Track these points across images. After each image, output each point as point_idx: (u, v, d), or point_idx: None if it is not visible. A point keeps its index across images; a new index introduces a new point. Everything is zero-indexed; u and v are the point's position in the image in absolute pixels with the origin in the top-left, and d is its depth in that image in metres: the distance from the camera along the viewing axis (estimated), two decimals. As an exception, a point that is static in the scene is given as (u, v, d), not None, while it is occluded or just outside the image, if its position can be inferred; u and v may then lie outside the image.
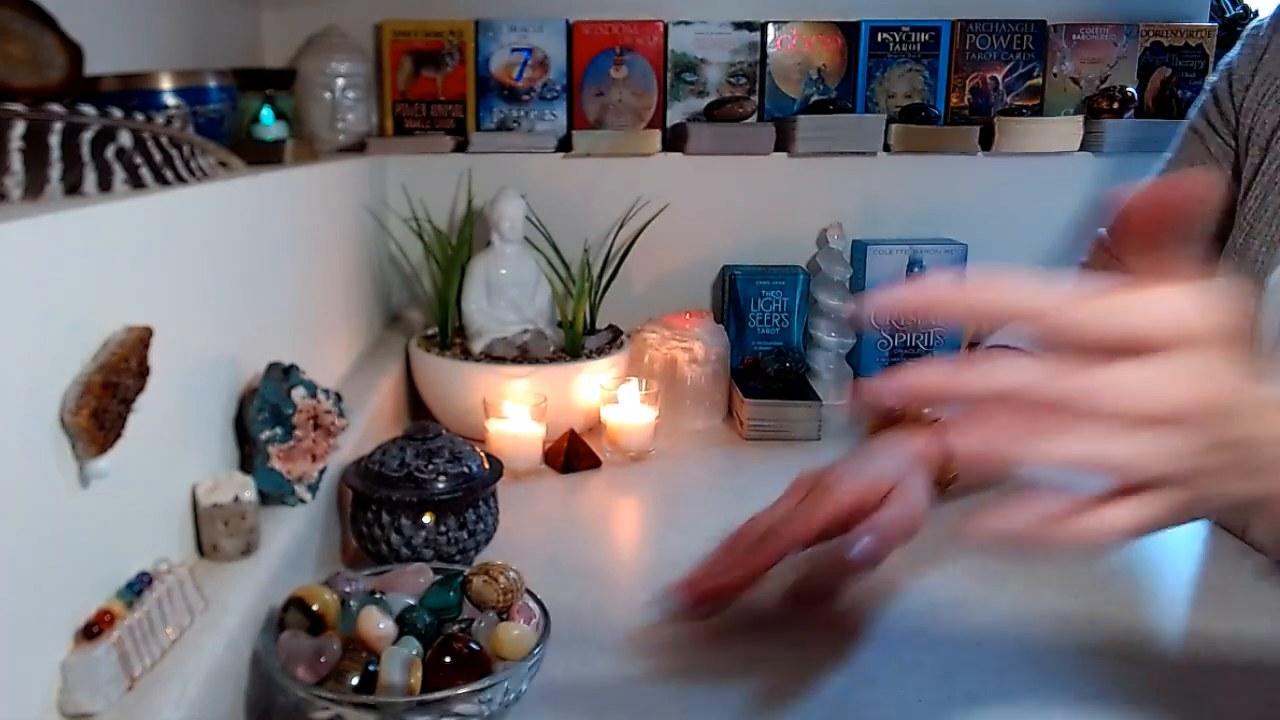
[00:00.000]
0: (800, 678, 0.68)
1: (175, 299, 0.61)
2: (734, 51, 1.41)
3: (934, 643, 0.72)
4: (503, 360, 1.13)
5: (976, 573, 0.83)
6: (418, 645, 0.58)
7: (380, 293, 1.30)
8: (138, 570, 0.54)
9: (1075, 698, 0.66)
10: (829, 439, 1.17)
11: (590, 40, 1.39)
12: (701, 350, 1.21)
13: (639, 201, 1.35)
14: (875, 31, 1.42)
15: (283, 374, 0.73)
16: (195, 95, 0.85)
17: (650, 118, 1.41)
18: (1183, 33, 1.46)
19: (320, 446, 0.75)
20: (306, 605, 0.59)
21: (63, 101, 0.56)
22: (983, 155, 1.38)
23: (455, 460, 0.81)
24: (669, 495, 1.02)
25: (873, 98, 1.43)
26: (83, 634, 0.49)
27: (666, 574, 0.84)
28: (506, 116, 1.40)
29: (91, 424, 0.48)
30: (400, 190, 1.32)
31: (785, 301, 1.32)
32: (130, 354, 0.51)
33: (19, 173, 0.52)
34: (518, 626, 0.61)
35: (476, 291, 1.19)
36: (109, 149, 0.58)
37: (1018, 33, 1.43)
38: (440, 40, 1.38)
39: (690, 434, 1.20)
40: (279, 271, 0.85)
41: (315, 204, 1.00)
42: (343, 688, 0.56)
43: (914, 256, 1.33)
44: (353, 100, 1.34)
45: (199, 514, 0.63)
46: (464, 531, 0.80)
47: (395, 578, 0.67)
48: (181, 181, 0.65)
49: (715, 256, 1.39)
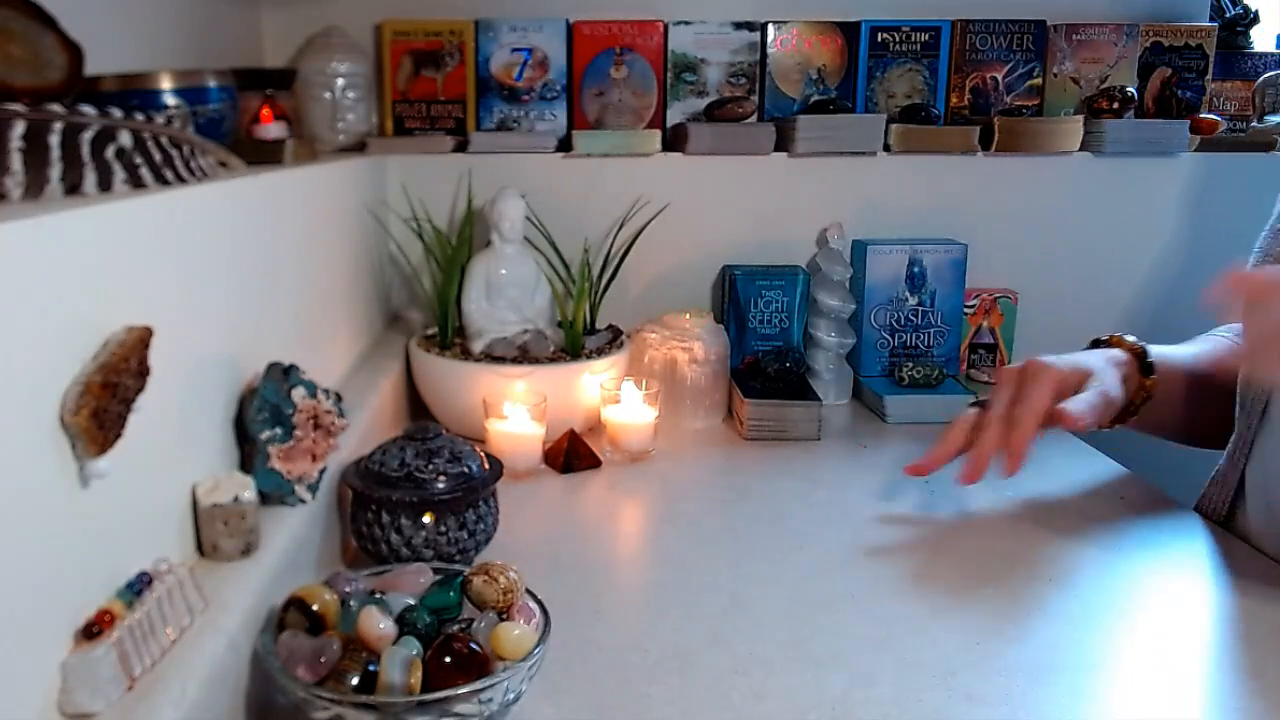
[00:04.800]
0: (800, 677, 0.68)
1: (175, 299, 0.61)
2: (734, 51, 1.41)
3: (934, 643, 0.72)
4: (503, 360, 1.13)
5: (976, 572, 0.83)
6: (418, 645, 0.58)
7: (380, 293, 1.30)
8: (138, 570, 0.54)
9: (1075, 698, 0.66)
10: (829, 439, 1.17)
11: (590, 40, 1.39)
12: (701, 350, 1.21)
13: (639, 201, 1.35)
14: (875, 31, 1.42)
15: (283, 374, 0.73)
16: (195, 95, 0.85)
17: (650, 118, 1.41)
18: (1183, 33, 1.46)
19: (320, 446, 0.75)
20: (306, 605, 0.59)
21: (63, 101, 0.56)
22: (983, 155, 1.38)
23: (455, 460, 0.81)
24: (669, 495, 1.02)
25: (873, 98, 1.43)
26: (83, 634, 0.49)
27: (666, 573, 0.84)
28: (506, 116, 1.40)
29: (91, 424, 0.48)
30: (400, 190, 1.32)
31: (785, 301, 1.32)
32: (130, 354, 0.51)
33: (19, 173, 0.52)
34: (518, 626, 0.61)
35: (476, 291, 1.19)
36: (109, 149, 0.58)
37: (1018, 33, 1.43)
38: (440, 40, 1.38)
39: (690, 434, 1.20)
40: (279, 271, 0.85)
41: (315, 204, 1.00)
42: (343, 688, 0.56)
43: (914, 256, 1.33)
44: (353, 100, 1.34)
45: (199, 514, 0.63)
46: (464, 531, 0.80)
47: (395, 578, 0.67)
48: (181, 181, 0.65)
49: (715, 256, 1.39)
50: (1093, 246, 1.42)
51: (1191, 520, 0.93)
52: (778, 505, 0.97)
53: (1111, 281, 1.44)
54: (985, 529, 0.92)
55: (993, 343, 1.39)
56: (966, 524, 0.93)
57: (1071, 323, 1.36)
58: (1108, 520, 0.94)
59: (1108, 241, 1.43)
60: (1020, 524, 0.93)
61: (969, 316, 1.38)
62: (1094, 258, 1.42)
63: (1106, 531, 0.91)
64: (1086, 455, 1.12)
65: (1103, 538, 0.90)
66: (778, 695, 0.66)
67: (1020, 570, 0.83)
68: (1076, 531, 0.91)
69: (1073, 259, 1.42)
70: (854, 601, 0.78)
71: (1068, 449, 1.13)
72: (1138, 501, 0.98)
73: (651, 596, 0.81)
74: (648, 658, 0.70)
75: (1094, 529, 0.92)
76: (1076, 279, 1.43)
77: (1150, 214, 1.43)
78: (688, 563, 0.86)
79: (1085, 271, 1.43)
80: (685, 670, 0.69)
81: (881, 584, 0.81)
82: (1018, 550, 0.87)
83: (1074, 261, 1.42)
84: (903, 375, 1.29)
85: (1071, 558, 0.86)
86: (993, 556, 0.86)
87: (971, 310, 1.37)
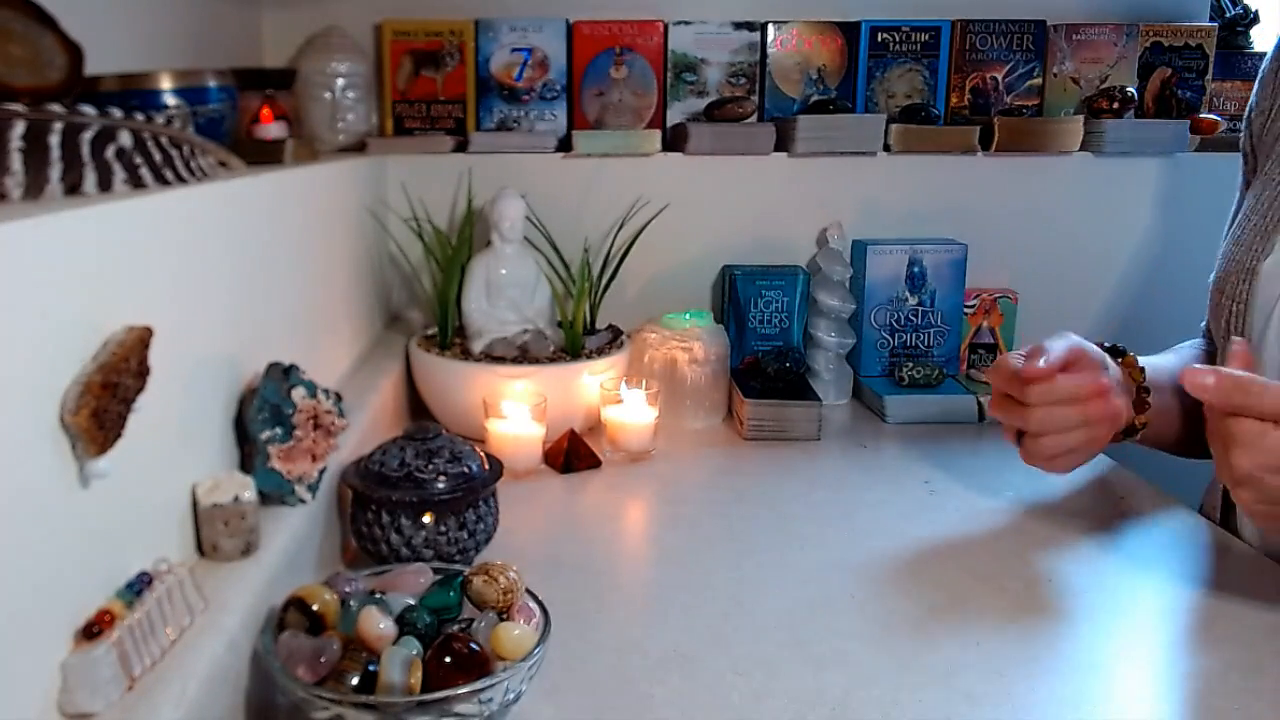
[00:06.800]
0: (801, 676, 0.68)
1: (175, 299, 0.61)
2: (734, 51, 1.41)
3: (934, 643, 0.72)
4: (503, 360, 1.13)
5: (976, 572, 0.83)
6: (418, 645, 0.58)
7: (380, 293, 1.30)
8: (138, 570, 0.54)
9: (1075, 697, 0.66)
10: (829, 439, 1.17)
11: (590, 40, 1.39)
12: (701, 350, 1.21)
13: (639, 201, 1.35)
14: (875, 31, 1.42)
15: (283, 374, 0.73)
16: (195, 95, 0.85)
17: (650, 118, 1.41)
18: (1183, 33, 1.46)
19: (320, 446, 0.75)
20: (306, 605, 0.59)
21: (63, 101, 0.56)
22: (983, 155, 1.38)
23: (455, 460, 0.81)
24: (669, 495, 1.02)
25: (873, 98, 1.43)
26: (83, 634, 0.49)
27: (666, 573, 0.84)
28: (506, 116, 1.40)
29: (91, 424, 0.48)
30: (400, 190, 1.32)
31: (785, 301, 1.32)
32: (130, 354, 0.51)
33: (19, 173, 0.52)
34: (518, 626, 0.61)
35: (476, 291, 1.19)
36: (109, 149, 0.58)
37: (1018, 33, 1.43)
38: (440, 40, 1.38)
39: (690, 434, 1.20)
40: (279, 271, 0.85)
41: (315, 204, 0.99)
42: (343, 688, 0.56)
43: (914, 256, 1.33)
44: (353, 100, 1.34)
45: (199, 514, 0.63)
46: (464, 531, 0.80)
47: (395, 578, 0.67)
48: (181, 181, 0.65)
49: (715, 256, 1.39)
50: (1093, 246, 1.42)
51: (1192, 520, 0.93)
52: (778, 505, 0.97)
53: (1111, 281, 1.44)
54: (985, 529, 0.92)
55: (993, 343, 1.39)
56: (967, 524, 0.93)
57: (1071, 323, 1.35)
58: (1108, 520, 0.94)
59: (1108, 241, 1.43)
60: (1020, 524, 0.93)
61: (969, 316, 1.37)
62: (1094, 258, 1.42)
63: (1106, 531, 0.91)
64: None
65: (1103, 538, 0.90)
66: (778, 695, 0.66)
67: (1020, 570, 0.83)
68: (1076, 531, 0.91)
69: (1073, 259, 1.42)
70: (854, 601, 0.78)
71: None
72: (1138, 501, 0.98)
73: (651, 596, 0.81)
74: (648, 658, 0.70)
75: (1094, 529, 0.92)
76: (1076, 279, 1.43)
77: (1150, 214, 1.43)
78: (688, 563, 0.86)
79: (1085, 271, 1.43)
80: (685, 670, 0.69)
81: (881, 584, 0.81)
82: (1018, 550, 0.87)
83: (1074, 261, 1.42)
84: (903, 375, 1.29)
85: (1071, 558, 0.86)
86: (993, 556, 0.86)
87: (971, 310, 1.37)
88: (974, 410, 1.24)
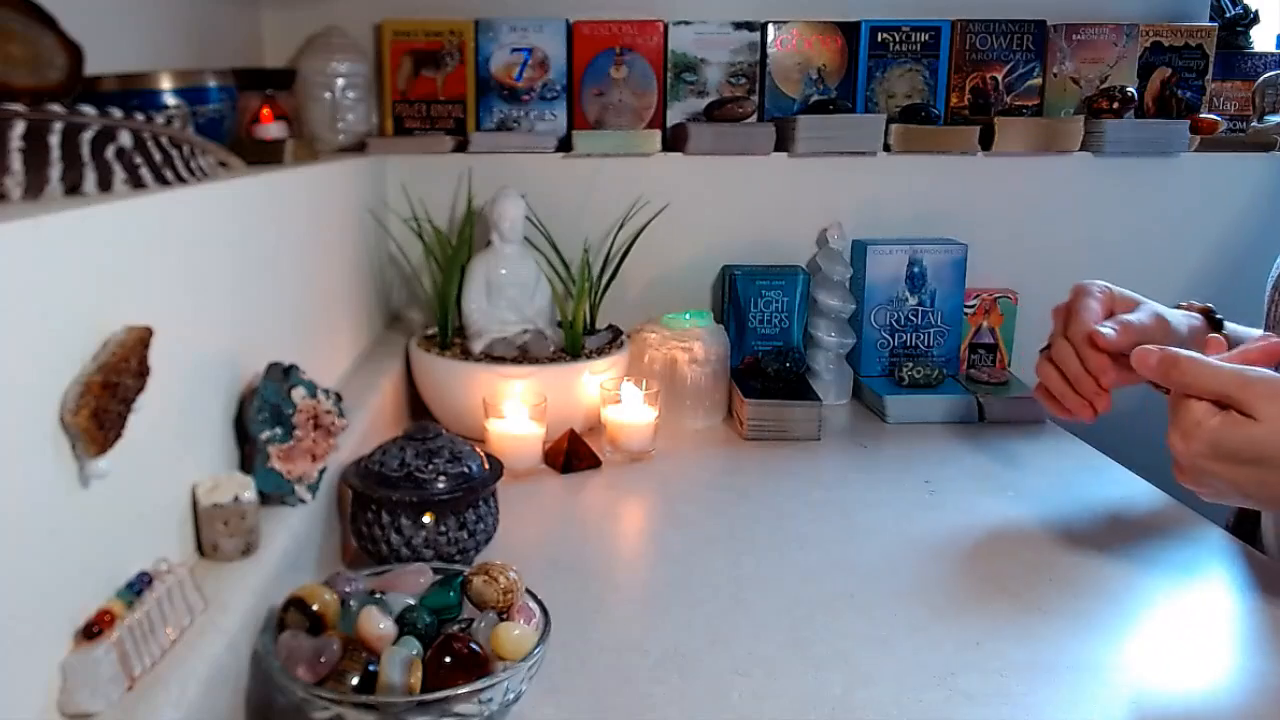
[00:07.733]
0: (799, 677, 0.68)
1: (175, 299, 0.61)
2: (734, 51, 1.41)
3: (934, 643, 0.72)
4: (503, 360, 1.13)
5: (976, 573, 0.83)
6: (418, 645, 0.58)
7: (380, 293, 1.30)
8: (138, 570, 0.54)
9: (1075, 698, 0.66)
10: (829, 439, 1.17)
11: (590, 40, 1.39)
12: (701, 350, 1.21)
13: (639, 201, 1.35)
14: (875, 31, 1.42)
15: (283, 374, 0.73)
16: (195, 95, 0.85)
17: (650, 118, 1.41)
18: (1183, 33, 1.46)
19: (320, 446, 0.75)
20: (306, 605, 0.59)
21: (63, 101, 0.56)
22: (983, 155, 1.38)
23: (455, 460, 0.81)
24: (669, 495, 1.02)
25: (873, 98, 1.43)
26: (83, 634, 0.49)
27: (667, 573, 0.84)
28: (506, 116, 1.40)
29: (91, 424, 0.48)
30: (400, 190, 1.32)
31: (785, 301, 1.32)
32: (130, 354, 0.51)
33: (19, 173, 0.52)
34: (518, 626, 0.61)
35: (476, 291, 1.19)
36: (109, 149, 0.58)
37: (1018, 33, 1.43)
38: (440, 40, 1.38)
39: (690, 434, 1.20)
40: (279, 271, 0.85)
41: (315, 204, 0.99)
42: (343, 688, 0.56)
43: (914, 256, 1.33)
44: (353, 100, 1.34)
45: (199, 514, 0.63)
46: (464, 531, 0.80)
47: (395, 578, 0.67)
48: (181, 181, 0.65)
49: (715, 256, 1.39)
50: (1093, 246, 1.42)
51: (1192, 520, 0.93)
52: (778, 505, 0.97)
53: (1111, 281, 1.44)
54: (985, 529, 0.92)
55: (993, 343, 1.39)
56: (967, 524, 0.93)
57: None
58: (1108, 520, 0.94)
59: (1108, 241, 1.42)
60: (1020, 524, 0.93)
61: (969, 316, 1.37)
62: (1094, 258, 1.42)
63: (1106, 532, 0.91)
64: (1087, 456, 1.12)
65: (1102, 538, 0.90)
66: (778, 695, 0.66)
67: (1020, 570, 0.83)
68: (1076, 531, 0.91)
69: (1073, 259, 1.42)
70: (854, 601, 0.78)
71: (1069, 450, 1.14)
72: (1138, 502, 0.98)
73: (652, 596, 0.81)
74: (648, 658, 0.70)
75: (1094, 529, 0.92)
76: (1076, 279, 1.42)
77: (1150, 214, 1.42)
78: (688, 563, 0.86)
79: (1085, 271, 1.42)
80: (685, 670, 0.69)
81: (881, 584, 0.81)
82: (1018, 550, 0.87)
83: (1074, 261, 1.42)
84: (903, 375, 1.29)
85: (1071, 558, 0.86)
86: (993, 557, 0.86)
87: (971, 310, 1.37)
88: (974, 410, 1.24)
